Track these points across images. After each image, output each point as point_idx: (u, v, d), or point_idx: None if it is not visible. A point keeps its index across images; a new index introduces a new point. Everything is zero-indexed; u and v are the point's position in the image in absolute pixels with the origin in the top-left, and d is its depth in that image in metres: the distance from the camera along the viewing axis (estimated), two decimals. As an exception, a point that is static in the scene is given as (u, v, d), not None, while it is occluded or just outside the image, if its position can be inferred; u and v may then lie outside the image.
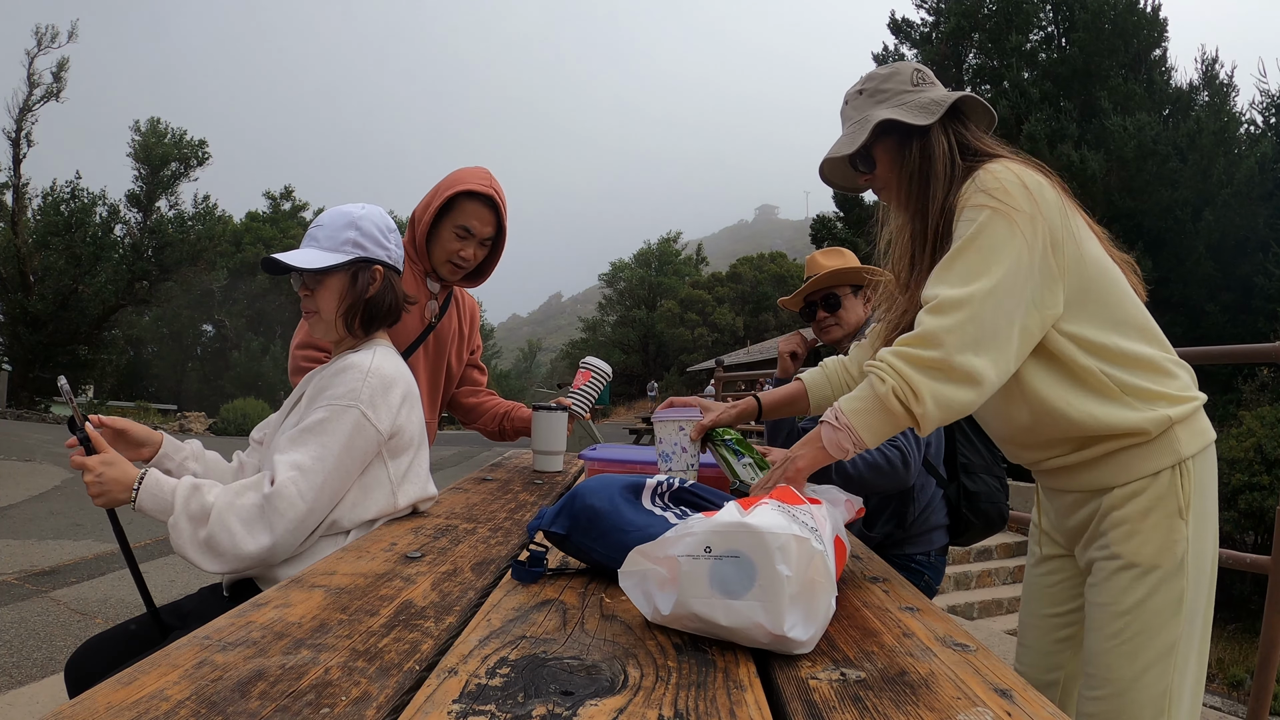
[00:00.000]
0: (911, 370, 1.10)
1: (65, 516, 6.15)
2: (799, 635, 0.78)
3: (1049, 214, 1.17)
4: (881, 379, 1.12)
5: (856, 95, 1.38)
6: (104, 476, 1.32)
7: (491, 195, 2.02)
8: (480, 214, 2.03)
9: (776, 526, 0.80)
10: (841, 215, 17.12)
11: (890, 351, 1.14)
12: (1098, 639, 1.24)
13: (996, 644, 3.99)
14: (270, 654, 0.75)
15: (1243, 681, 5.77)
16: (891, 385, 1.11)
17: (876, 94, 1.35)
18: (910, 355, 1.12)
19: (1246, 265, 10.65)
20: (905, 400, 1.10)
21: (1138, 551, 1.21)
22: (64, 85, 23.29)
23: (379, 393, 1.40)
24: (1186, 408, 1.22)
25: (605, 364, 2.32)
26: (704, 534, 0.81)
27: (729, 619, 0.79)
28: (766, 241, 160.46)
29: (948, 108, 1.30)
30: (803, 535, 0.79)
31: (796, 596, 0.78)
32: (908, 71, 1.36)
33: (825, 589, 0.80)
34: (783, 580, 0.77)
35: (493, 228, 2.06)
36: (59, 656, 3.22)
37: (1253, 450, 6.66)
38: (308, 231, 1.52)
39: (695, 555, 0.81)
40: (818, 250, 2.40)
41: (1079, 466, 1.27)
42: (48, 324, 22.05)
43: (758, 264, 41.72)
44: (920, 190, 1.30)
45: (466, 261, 2.05)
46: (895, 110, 1.30)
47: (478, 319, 2.40)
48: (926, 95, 1.33)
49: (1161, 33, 14.09)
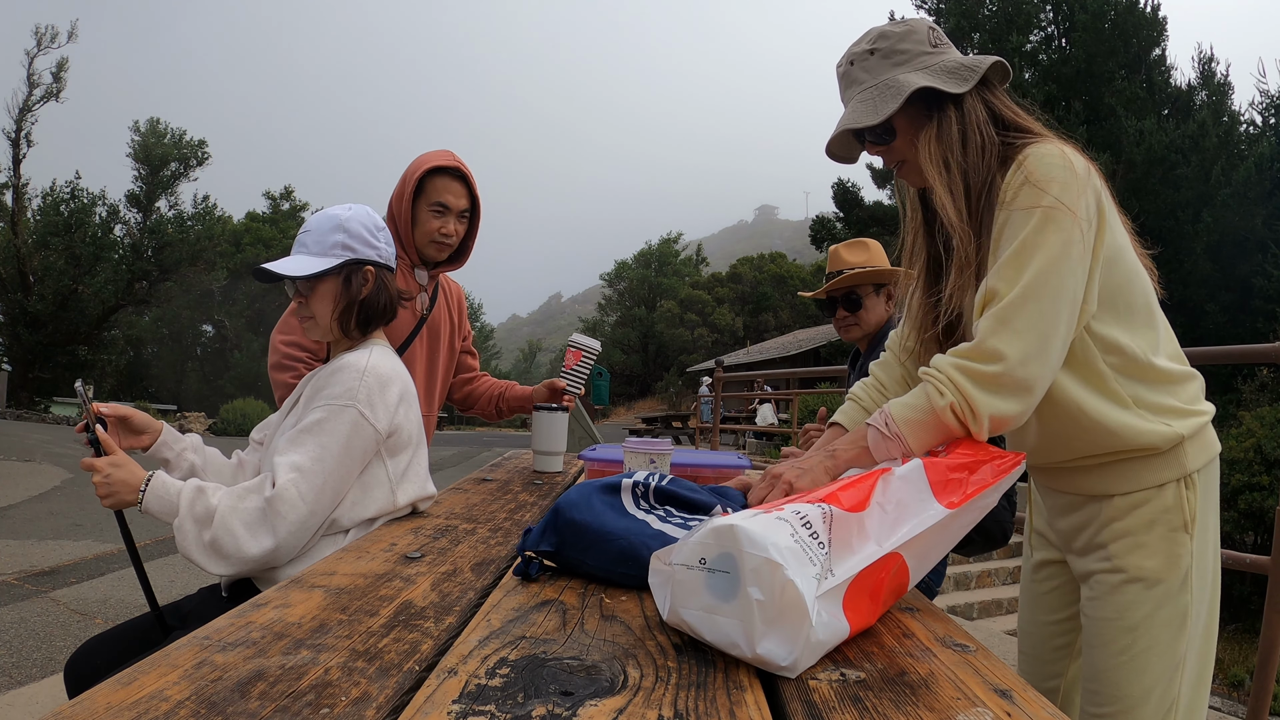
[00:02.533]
0: (971, 386, 1.06)
1: (65, 517, 6.15)
2: (778, 659, 0.74)
3: (1096, 205, 1.12)
4: (940, 392, 1.07)
5: (867, 55, 1.22)
6: (112, 478, 1.33)
7: (458, 168, 2.07)
8: (452, 188, 2.07)
9: (757, 545, 0.75)
10: (841, 216, 17.14)
11: (949, 363, 1.09)
12: (1103, 655, 1.21)
13: (996, 644, 3.99)
14: (270, 654, 0.75)
15: (1243, 681, 5.77)
16: (950, 400, 1.06)
17: (893, 55, 1.21)
18: (970, 370, 1.07)
19: (1245, 266, 10.66)
20: (963, 416, 1.06)
21: (1141, 565, 1.18)
22: (64, 85, 23.33)
23: (376, 391, 1.40)
24: (1196, 422, 1.19)
25: (594, 341, 2.31)
26: (698, 543, 0.79)
27: (713, 635, 0.77)
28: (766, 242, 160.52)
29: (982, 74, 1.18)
30: (776, 561, 0.74)
31: (772, 620, 0.74)
32: (924, 30, 1.23)
33: (800, 618, 0.74)
34: (753, 603, 0.74)
35: (466, 200, 2.10)
36: (59, 656, 3.22)
37: (1253, 450, 6.66)
38: (297, 238, 1.52)
39: (690, 565, 0.79)
40: (841, 243, 2.32)
41: (1081, 469, 1.24)
42: (48, 324, 22.07)
43: (758, 264, 41.72)
44: (956, 165, 1.18)
45: (449, 237, 2.08)
46: (924, 75, 1.18)
47: (465, 304, 2.42)
48: (949, 58, 1.21)
49: (1161, 33, 14.11)
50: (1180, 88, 13.42)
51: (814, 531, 0.81)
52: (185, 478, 1.48)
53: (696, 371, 23.35)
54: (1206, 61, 13.19)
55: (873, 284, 2.19)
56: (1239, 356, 3.30)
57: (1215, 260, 10.72)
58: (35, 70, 23.01)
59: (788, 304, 36.63)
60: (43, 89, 23.04)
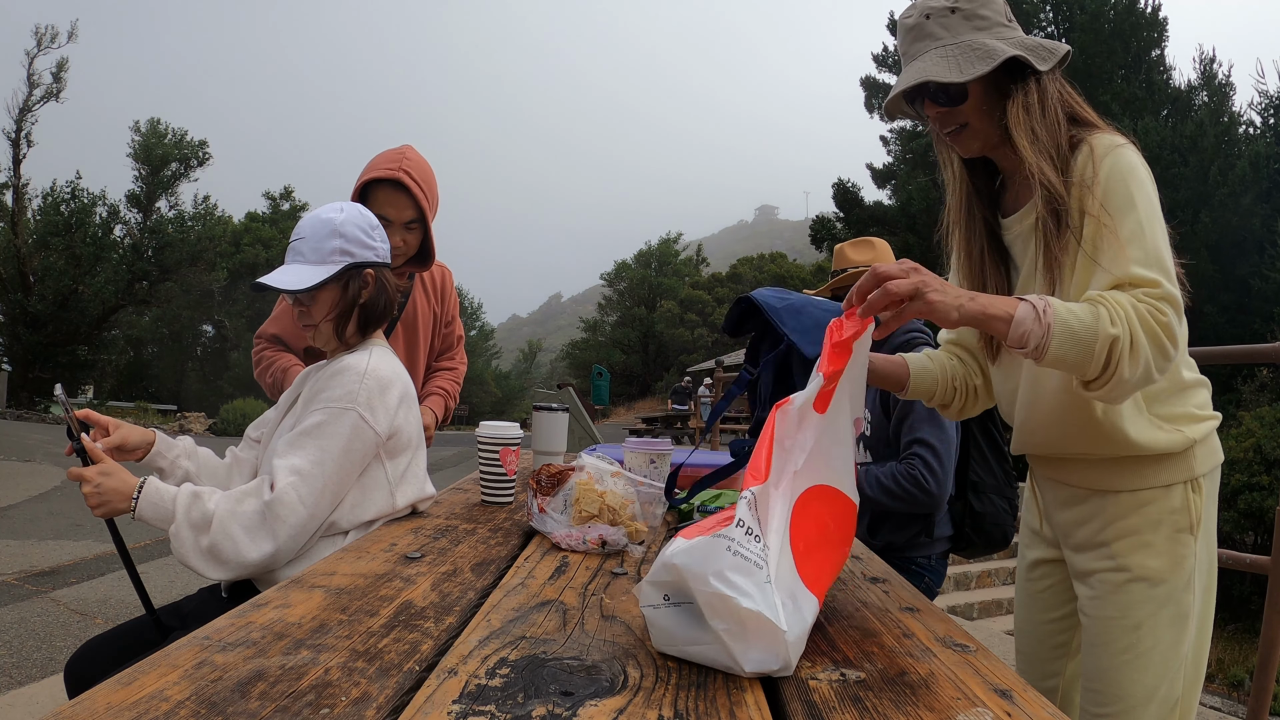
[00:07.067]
0: (1143, 333, 1.00)
1: (65, 517, 6.15)
2: (770, 666, 0.74)
3: None
4: (1113, 320, 0.99)
5: (948, 12, 1.19)
6: (102, 487, 1.29)
7: (398, 179, 1.89)
8: (393, 199, 1.91)
9: (699, 579, 0.73)
10: (841, 216, 17.13)
11: (1130, 300, 1.02)
12: (1106, 654, 1.21)
13: (996, 644, 3.99)
14: (270, 654, 0.75)
15: (1242, 681, 5.77)
16: (1120, 332, 0.99)
17: (974, 18, 1.18)
18: (1151, 310, 1.01)
19: (1244, 266, 10.66)
20: (1119, 356, 0.99)
21: (1146, 565, 1.18)
22: (64, 85, 23.32)
23: (376, 394, 1.39)
24: (1205, 427, 1.20)
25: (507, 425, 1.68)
26: (653, 583, 0.78)
27: (704, 660, 0.77)
28: (766, 242, 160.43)
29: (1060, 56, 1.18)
30: (725, 593, 0.72)
31: (744, 640, 0.73)
32: (1001, 2, 1.22)
33: (771, 631, 0.73)
34: (721, 633, 0.73)
35: (411, 210, 1.93)
36: (59, 656, 3.22)
37: (1252, 450, 6.66)
38: (290, 244, 1.47)
39: (655, 605, 0.78)
40: (846, 242, 2.29)
41: (1087, 461, 1.23)
42: (48, 324, 22.06)
43: (758, 264, 41.73)
44: (1043, 135, 1.15)
45: (399, 249, 1.94)
46: (1012, 46, 1.16)
47: (448, 287, 2.31)
48: (1024, 36, 1.20)
49: (1161, 33, 14.11)
50: (1180, 88, 13.42)
51: (748, 528, 0.76)
52: (179, 485, 1.46)
53: (697, 372, 23.35)
54: (1208, 62, 13.19)
55: None
56: (1238, 356, 3.30)
57: (1215, 260, 10.72)
58: (35, 70, 23.01)
59: (788, 304, 36.52)
60: (43, 89, 23.05)
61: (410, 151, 1.98)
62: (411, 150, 1.99)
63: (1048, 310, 1.00)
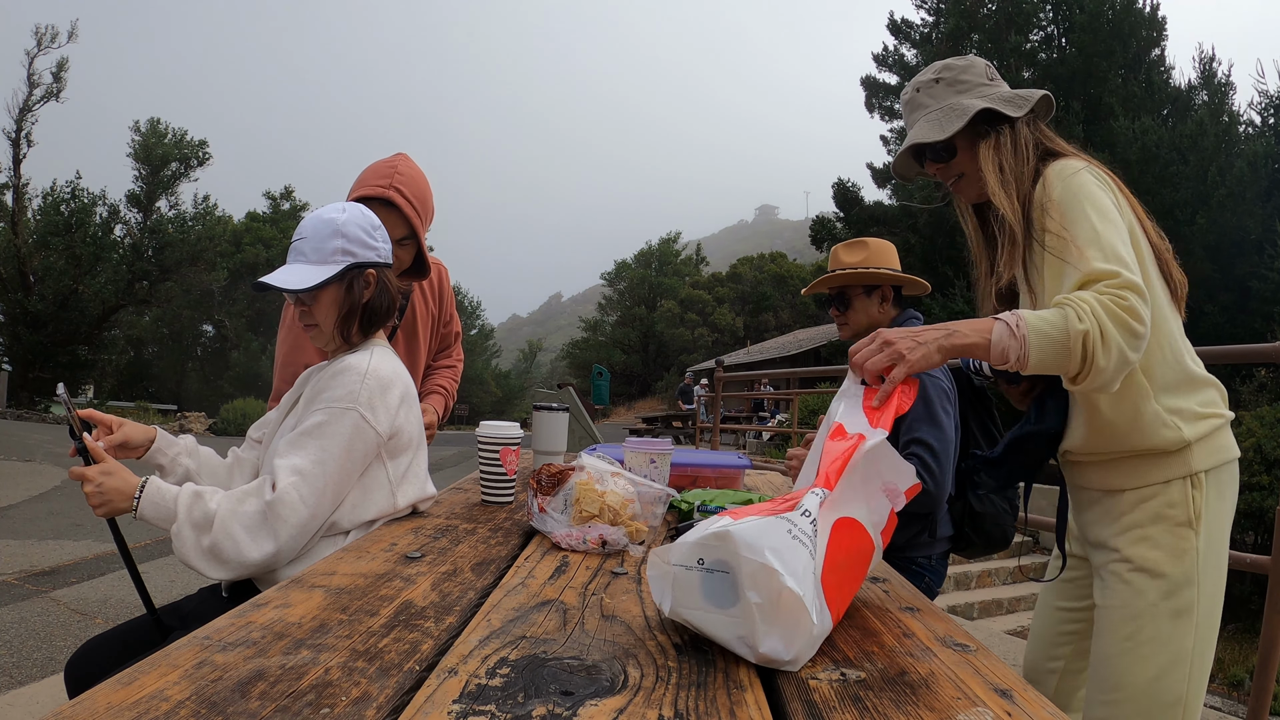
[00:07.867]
0: (1110, 322, 1.07)
1: (65, 516, 6.15)
2: (781, 655, 0.76)
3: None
4: (1080, 317, 1.07)
5: (933, 84, 1.40)
6: (104, 486, 1.30)
7: (388, 198, 1.82)
8: (383, 217, 1.76)
9: (753, 550, 0.76)
10: (841, 215, 17.13)
11: (1093, 295, 1.10)
12: (1109, 642, 1.26)
13: (996, 644, 3.99)
14: (270, 654, 0.75)
15: (1242, 681, 5.77)
16: (1089, 326, 1.06)
17: (957, 84, 1.38)
18: (1114, 299, 1.08)
19: (1243, 266, 10.65)
20: (1092, 348, 1.07)
21: (1146, 556, 1.23)
22: (64, 85, 23.31)
23: (377, 394, 1.39)
24: (1205, 425, 1.24)
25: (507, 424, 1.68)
26: (695, 544, 0.80)
27: (716, 631, 0.79)
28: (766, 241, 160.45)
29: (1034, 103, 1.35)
30: (773, 566, 0.75)
31: (772, 620, 0.75)
32: (981, 66, 1.41)
33: (800, 617, 0.76)
34: (753, 606, 0.75)
35: (403, 228, 1.86)
36: (59, 656, 3.22)
37: (1252, 450, 6.66)
38: (292, 244, 1.46)
39: (688, 566, 0.80)
40: (842, 243, 2.25)
41: (1094, 464, 1.31)
42: (48, 324, 22.05)
43: (758, 264, 41.74)
44: (1009, 170, 1.32)
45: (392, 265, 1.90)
46: (985, 100, 1.35)
47: (445, 287, 2.29)
48: (1004, 90, 1.38)
49: (1160, 32, 14.10)
50: (1179, 88, 13.41)
51: (814, 519, 0.82)
52: (180, 483, 1.46)
53: (697, 372, 23.36)
54: (1208, 61, 13.18)
55: (863, 286, 2.12)
56: (1238, 356, 3.31)
57: (1214, 260, 10.71)
58: (35, 70, 22.99)
59: (788, 304, 36.64)
60: (43, 89, 23.02)
61: (402, 164, 1.91)
62: (404, 162, 1.92)
63: (1020, 324, 1.08)
